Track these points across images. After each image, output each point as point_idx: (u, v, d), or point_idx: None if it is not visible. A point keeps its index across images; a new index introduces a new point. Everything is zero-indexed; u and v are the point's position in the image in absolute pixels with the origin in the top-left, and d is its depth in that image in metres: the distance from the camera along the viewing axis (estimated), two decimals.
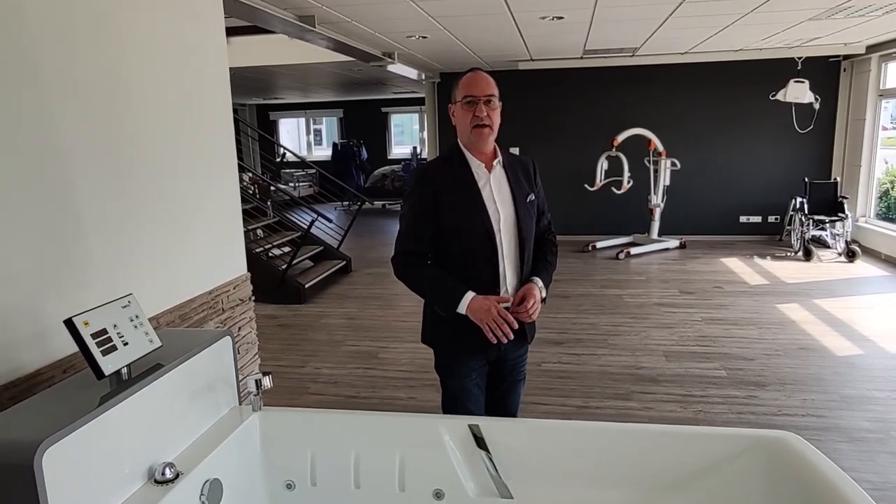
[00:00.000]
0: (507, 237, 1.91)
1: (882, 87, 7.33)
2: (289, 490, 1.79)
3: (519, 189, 1.95)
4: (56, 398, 1.40)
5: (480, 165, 1.92)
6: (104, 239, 1.94)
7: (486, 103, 1.85)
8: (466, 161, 1.92)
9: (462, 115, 1.88)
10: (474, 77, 1.88)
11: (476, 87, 1.86)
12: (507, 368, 2.06)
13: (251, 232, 6.52)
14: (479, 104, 1.85)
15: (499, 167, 1.95)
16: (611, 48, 6.90)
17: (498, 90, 1.89)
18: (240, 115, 13.30)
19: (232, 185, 2.76)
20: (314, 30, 4.59)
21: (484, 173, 1.92)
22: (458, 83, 1.89)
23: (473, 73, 1.89)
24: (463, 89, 1.87)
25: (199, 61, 2.49)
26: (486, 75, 1.88)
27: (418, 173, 1.96)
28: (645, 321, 4.90)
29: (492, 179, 1.92)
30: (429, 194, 1.88)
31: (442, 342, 2.01)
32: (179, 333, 1.93)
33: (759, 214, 8.31)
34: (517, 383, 2.12)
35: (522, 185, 1.97)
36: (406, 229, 1.93)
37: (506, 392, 2.10)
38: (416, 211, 1.91)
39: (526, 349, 2.11)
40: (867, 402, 3.39)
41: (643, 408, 3.39)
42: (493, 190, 1.91)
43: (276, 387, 3.71)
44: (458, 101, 1.89)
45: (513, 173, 1.97)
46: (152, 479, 1.47)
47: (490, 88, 1.86)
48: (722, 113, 8.13)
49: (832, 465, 1.48)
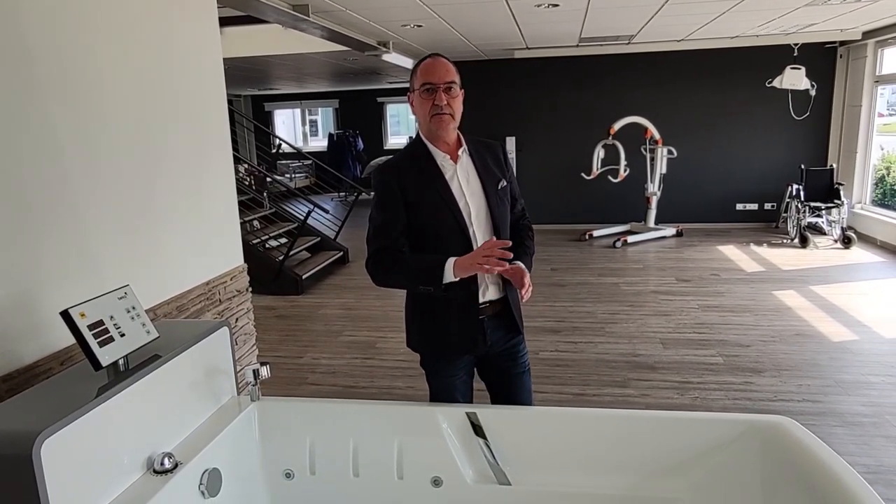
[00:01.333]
0: (481, 229, 1.82)
1: (878, 73, 7.32)
2: (287, 479, 1.80)
3: (489, 177, 1.86)
4: (54, 389, 1.40)
5: (445, 157, 1.83)
6: (100, 231, 1.93)
7: (447, 91, 1.75)
8: (430, 154, 1.83)
9: (421, 103, 1.78)
10: (433, 63, 1.78)
11: (434, 73, 1.76)
12: (504, 361, 1.97)
13: (248, 223, 6.51)
14: (439, 92, 1.75)
15: (465, 156, 1.85)
16: (607, 36, 6.87)
17: (459, 76, 1.80)
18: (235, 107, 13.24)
19: (228, 177, 2.75)
20: (308, 19, 4.56)
21: (450, 165, 1.83)
22: (415, 70, 1.80)
23: (432, 59, 1.79)
24: (421, 76, 1.77)
25: (193, 51, 2.47)
26: (445, 61, 1.78)
27: (381, 172, 1.84)
28: (642, 309, 4.91)
29: (458, 170, 1.83)
30: (395, 193, 1.79)
31: (427, 346, 1.94)
32: (176, 324, 1.93)
33: (755, 202, 8.31)
34: (520, 376, 2.00)
35: (492, 171, 1.88)
36: (375, 231, 1.82)
37: (510, 386, 1.99)
38: (383, 211, 1.81)
39: (520, 339, 1.99)
40: (862, 387, 3.42)
41: (640, 395, 3.41)
42: (461, 182, 1.82)
43: (274, 377, 3.73)
44: (416, 89, 1.79)
45: (481, 161, 1.87)
46: (151, 468, 1.48)
47: (449, 75, 1.77)
48: (718, 100, 8.12)
49: (827, 448, 1.49)
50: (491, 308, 1.87)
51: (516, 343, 1.98)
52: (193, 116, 2.47)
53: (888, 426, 2.99)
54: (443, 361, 1.93)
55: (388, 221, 1.80)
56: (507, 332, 1.93)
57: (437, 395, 1.97)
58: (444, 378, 1.94)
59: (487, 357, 1.96)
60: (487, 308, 1.87)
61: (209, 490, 1.55)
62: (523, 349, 2.02)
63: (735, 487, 1.60)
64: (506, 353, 1.97)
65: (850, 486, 1.34)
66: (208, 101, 2.58)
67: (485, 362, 1.98)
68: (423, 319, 1.91)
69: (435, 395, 1.98)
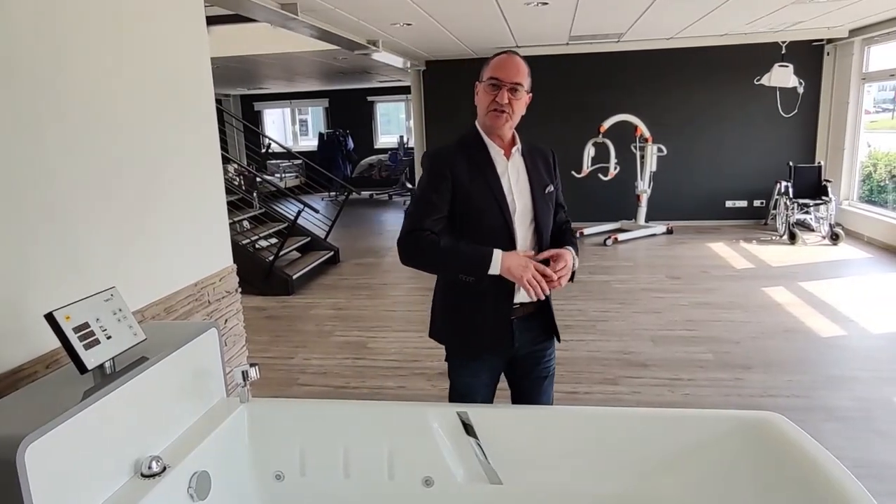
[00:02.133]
0: (523, 229, 1.82)
1: (865, 70, 7.39)
2: (278, 480, 1.79)
3: (538, 180, 1.86)
4: (39, 393, 1.38)
5: (499, 152, 1.82)
6: (87, 232, 1.91)
7: (511, 91, 1.75)
8: (484, 145, 1.82)
9: (483, 95, 1.78)
10: (506, 60, 1.76)
11: (504, 70, 1.75)
12: (529, 363, 1.95)
13: (237, 223, 6.47)
14: (503, 90, 1.74)
15: (517, 155, 1.85)
16: (596, 34, 6.89)
17: (530, 80, 1.79)
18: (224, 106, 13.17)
19: (216, 177, 2.73)
20: (297, 18, 4.54)
21: (502, 160, 1.82)
22: (489, 61, 1.79)
23: (507, 55, 1.78)
24: (490, 70, 1.77)
25: (180, 50, 2.45)
26: (519, 60, 1.77)
27: (433, 155, 1.83)
28: (633, 307, 4.93)
29: (510, 167, 1.82)
30: (445, 176, 1.77)
31: (453, 339, 1.92)
32: (164, 326, 1.91)
33: (744, 199, 8.37)
34: (542, 381, 1.98)
35: (542, 175, 1.88)
36: (416, 210, 1.79)
37: (531, 390, 1.98)
38: (429, 193, 1.78)
39: (550, 345, 1.98)
40: (850, 382, 3.44)
41: (631, 392, 3.42)
42: (510, 179, 1.81)
43: (265, 378, 3.72)
44: (483, 80, 1.78)
45: (532, 163, 1.87)
46: (139, 472, 1.46)
47: (519, 76, 1.75)
48: (707, 98, 8.16)
49: (815, 443, 1.50)
50: (522, 309, 1.85)
51: (544, 348, 1.96)
52: (180, 116, 2.44)
53: (876, 421, 3.01)
54: (465, 357, 1.91)
55: (432, 204, 1.77)
56: (539, 335, 1.92)
57: (456, 392, 1.95)
58: (465, 377, 1.92)
59: (514, 358, 1.94)
60: (519, 309, 1.84)
61: (198, 493, 1.54)
62: (550, 354, 1.99)
63: (725, 483, 1.60)
64: (531, 356, 1.95)
65: (839, 481, 1.34)
66: (196, 101, 2.56)
67: (511, 363, 1.96)
68: (452, 310, 1.89)
69: (454, 392, 1.95)
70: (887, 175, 7.39)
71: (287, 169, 13.05)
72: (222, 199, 2.79)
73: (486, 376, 1.92)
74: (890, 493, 2.45)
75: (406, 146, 13.19)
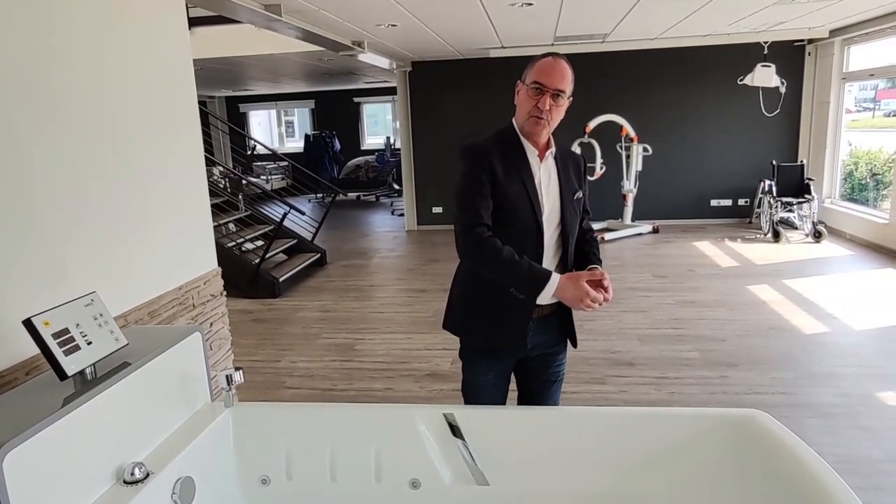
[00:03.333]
0: (549, 231, 1.82)
1: (845, 70, 7.48)
2: (264, 485, 1.78)
3: (568, 184, 1.86)
4: (18, 400, 1.36)
5: (534, 153, 1.82)
6: (67, 236, 1.88)
7: (554, 97, 1.73)
8: (521, 144, 1.82)
9: (525, 99, 1.77)
10: (552, 65, 1.73)
11: (548, 76, 1.72)
12: (540, 366, 1.96)
13: (223, 226, 6.42)
14: (545, 96, 1.72)
15: (551, 158, 1.85)
16: (581, 35, 6.91)
17: (572, 85, 1.77)
18: (208, 108, 13.08)
19: (199, 179, 2.70)
20: (281, 19, 4.51)
21: (536, 161, 1.83)
22: (533, 63, 1.76)
23: (553, 59, 1.74)
24: (535, 73, 1.73)
25: (161, 51, 2.42)
26: (564, 66, 1.74)
27: (470, 148, 1.82)
28: (619, 306, 4.95)
29: (542, 170, 1.83)
30: (485, 168, 1.76)
31: (469, 334, 1.93)
32: (147, 331, 1.90)
33: (729, 198, 8.44)
34: (551, 385, 2.00)
35: (572, 180, 1.88)
36: (470, 203, 1.75)
37: (540, 392, 2.00)
38: (477, 184, 1.76)
39: (563, 349, 1.99)
40: (834, 379, 3.48)
41: (618, 391, 3.44)
42: (542, 181, 1.82)
43: (251, 382, 3.69)
44: (526, 82, 1.76)
45: (564, 167, 1.87)
46: (121, 479, 1.44)
47: (563, 83, 1.73)
48: (691, 98, 8.23)
49: (798, 440, 1.51)
50: (538, 311, 1.85)
51: (556, 352, 1.97)
52: (162, 118, 2.42)
53: (859, 417, 3.05)
54: (478, 356, 1.92)
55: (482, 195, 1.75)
56: (553, 338, 1.92)
57: (466, 387, 1.98)
58: (475, 374, 1.94)
59: (525, 359, 1.95)
60: (538, 310, 1.84)
61: (182, 499, 1.52)
62: (561, 359, 2.00)
63: (710, 480, 1.61)
64: (542, 359, 1.96)
65: (822, 477, 1.36)
66: (178, 103, 2.53)
67: (522, 363, 1.97)
68: (472, 304, 1.89)
69: (465, 386, 1.98)
70: (868, 173, 7.49)
71: (273, 171, 12.98)
72: (206, 202, 2.76)
73: (495, 375, 1.93)
74: (872, 489, 2.47)
75: (393, 147, 13.16)
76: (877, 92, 7.85)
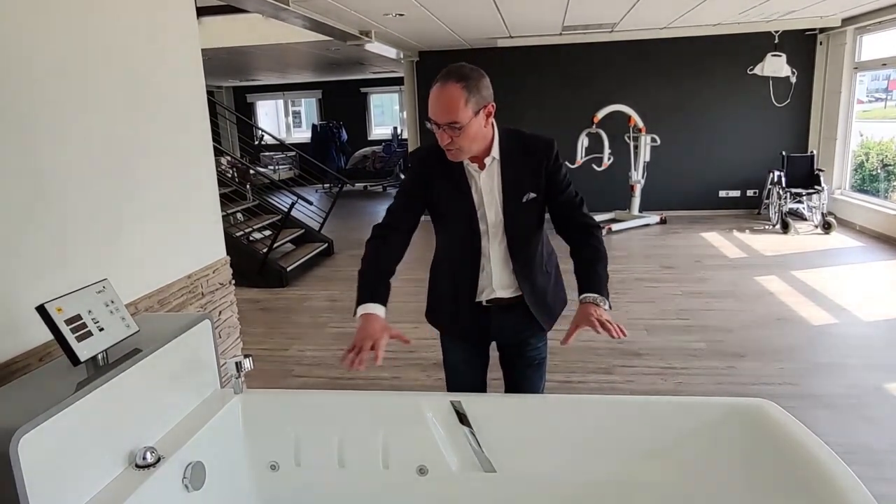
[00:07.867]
0: (495, 239, 1.79)
1: (857, 59, 7.39)
2: (273, 471, 1.80)
3: (514, 187, 1.74)
4: (32, 386, 1.38)
5: (472, 164, 1.74)
6: (79, 225, 1.90)
7: (450, 128, 1.58)
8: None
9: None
10: (436, 97, 1.58)
11: (433, 110, 1.59)
12: (514, 352, 1.98)
13: (231, 216, 6.45)
14: (441, 132, 1.61)
15: (493, 165, 1.74)
16: (589, 24, 6.86)
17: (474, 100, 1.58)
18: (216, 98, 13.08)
19: (208, 169, 2.72)
20: (288, 8, 4.50)
21: (475, 170, 1.74)
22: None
23: (439, 88, 1.57)
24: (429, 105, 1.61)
25: (170, 41, 2.43)
26: (449, 93, 1.55)
27: (417, 155, 1.83)
28: (626, 296, 4.94)
29: (483, 178, 1.74)
30: (423, 176, 1.78)
31: (434, 321, 2.02)
32: (158, 318, 1.91)
33: (737, 189, 8.39)
34: (527, 369, 1.99)
35: (522, 181, 1.75)
36: (391, 206, 1.85)
37: (518, 378, 2.01)
38: (406, 189, 1.84)
39: (535, 334, 1.94)
40: (841, 370, 3.47)
41: (625, 381, 3.44)
42: (482, 189, 1.75)
43: (259, 370, 3.71)
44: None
45: (511, 169, 1.74)
46: (133, 463, 1.46)
47: (451, 115, 1.56)
48: (700, 88, 8.16)
49: (805, 429, 1.51)
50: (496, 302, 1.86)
51: (527, 338, 1.95)
52: (172, 108, 2.43)
53: (866, 407, 3.04)
54: (445, 339, 2.02)
55: (404, 204, 1.84)
56: (520, 324, 1.92)
57: (445, 368, 2.06)
58: (447, 354, 2.03)
59: (500, 346, 2.01)
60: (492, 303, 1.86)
61: (193, 484, 1.54)
62: (536, 344, 1.97)
63: (717, 469, 1.62)
64: (516, 346, 1.98)
65: (829, 466, 1.36)
66: (187, 93, 2.54)
67: (500, 350, 2.03)
68: (434, 290, 1.99)
69: (445, 369, 2.06)
70: (879, 164, 7.42)
71: (280, 161, 12.99)
72: (215, 192, 2.78)
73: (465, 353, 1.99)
74: (879, 479, 2.47)
75: (400, 137, 13.14)
76: (889, 82, 7.75)
